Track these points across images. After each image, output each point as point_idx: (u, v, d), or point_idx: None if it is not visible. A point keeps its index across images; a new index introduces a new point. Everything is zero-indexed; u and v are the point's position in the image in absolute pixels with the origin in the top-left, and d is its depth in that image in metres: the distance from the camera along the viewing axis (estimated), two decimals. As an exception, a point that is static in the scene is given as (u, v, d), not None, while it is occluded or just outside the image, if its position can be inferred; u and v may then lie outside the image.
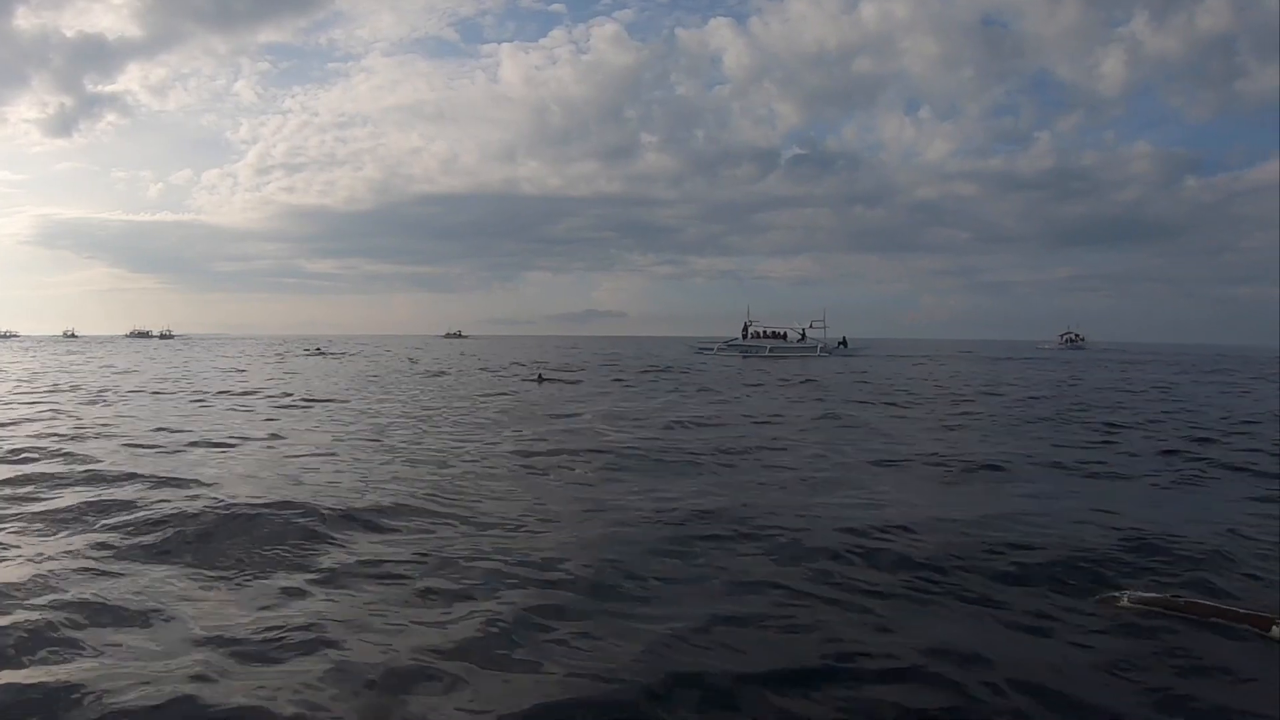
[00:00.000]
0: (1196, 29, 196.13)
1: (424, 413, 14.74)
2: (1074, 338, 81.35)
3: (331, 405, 16.30)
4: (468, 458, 9.33)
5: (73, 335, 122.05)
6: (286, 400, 17.38)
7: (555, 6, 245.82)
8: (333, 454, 9.55)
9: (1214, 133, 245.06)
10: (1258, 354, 72.24)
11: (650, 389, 21.89)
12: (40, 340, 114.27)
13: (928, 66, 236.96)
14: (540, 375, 26.00)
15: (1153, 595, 4.23)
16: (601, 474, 8.36)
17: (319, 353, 52.41)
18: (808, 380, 25.69)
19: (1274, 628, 3.79)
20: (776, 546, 5.39)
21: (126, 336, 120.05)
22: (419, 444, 10.49)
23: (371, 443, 10.61)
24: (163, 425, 12.23)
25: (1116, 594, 4.32)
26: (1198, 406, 17.32)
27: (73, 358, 43.98)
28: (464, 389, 21.62)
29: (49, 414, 13.69)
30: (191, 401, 17.05)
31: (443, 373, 30.33)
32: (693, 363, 39.88)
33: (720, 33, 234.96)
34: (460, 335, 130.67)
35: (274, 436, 11.13)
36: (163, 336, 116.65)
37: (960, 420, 14.22)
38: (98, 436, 10.81)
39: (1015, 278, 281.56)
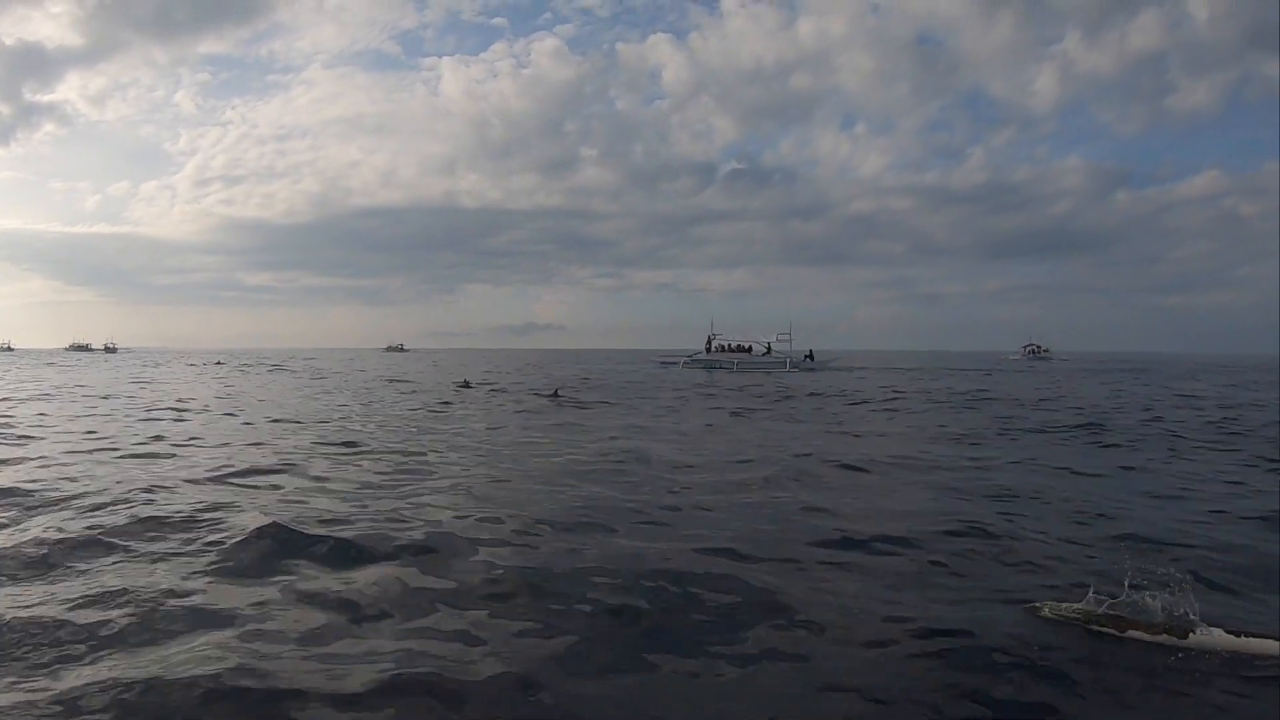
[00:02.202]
0: (1128, 47, 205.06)
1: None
2: (1037, 349, 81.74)
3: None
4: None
5: (9, 349, 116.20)
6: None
7: (497, 20, 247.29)
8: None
9: (1144, 147, 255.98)
10: (1222, 362, 73.65)
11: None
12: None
13: (863, 83, 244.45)
14: (557, 392, 23.56)
15: (1074, 606, 4.16)
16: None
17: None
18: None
19: (1190, 636, 3.78)
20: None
21: (66, 350, 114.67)
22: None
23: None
24: None
25: (1038, 604, 4.24)
26: None
27: None
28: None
29: None
30: None
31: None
32: (693, 378, 37.77)
33: (660, 48, 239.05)
34: (402, 349, 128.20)
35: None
36: (107, 350, 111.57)
37: None
38: None
39: (948, 289, 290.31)
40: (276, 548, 5.42)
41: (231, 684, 3.34)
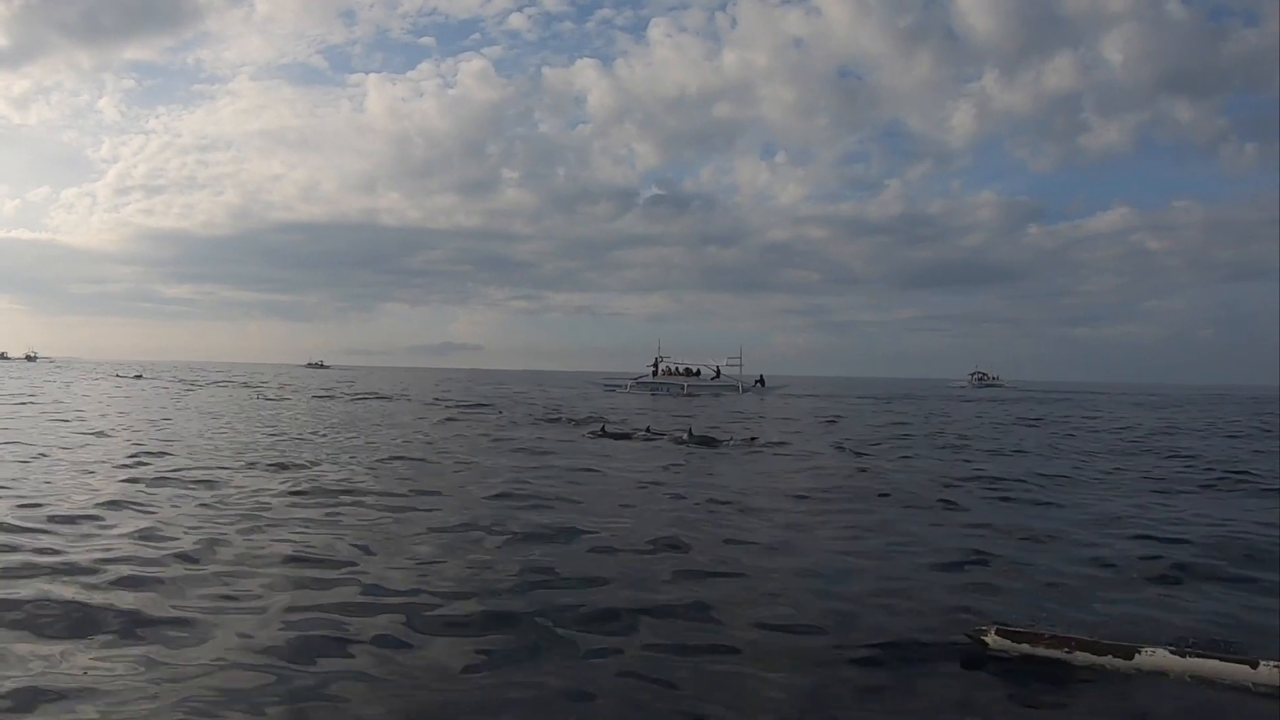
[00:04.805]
0: (1043, 87, 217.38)
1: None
2: (983, 376, 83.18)
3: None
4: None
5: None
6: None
7: (425, 40, 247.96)
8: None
9: (1056, 184, 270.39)
10: (1151, 392, 75.63)
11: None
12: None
13: (785, 114, 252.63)
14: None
15: (1018, 629, 4.08)
16: None
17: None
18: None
19: (1136, 657, 3.77)
20: None
21: None
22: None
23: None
24: None
25: (983, 627, 4.13)
26: None
27: None
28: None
29: None
30: None
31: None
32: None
33: (585, 73, 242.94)
34: (322, 365, 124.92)
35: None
36: (29, 359, 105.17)
37: None
38: None
39: (861, 318, 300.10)
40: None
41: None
